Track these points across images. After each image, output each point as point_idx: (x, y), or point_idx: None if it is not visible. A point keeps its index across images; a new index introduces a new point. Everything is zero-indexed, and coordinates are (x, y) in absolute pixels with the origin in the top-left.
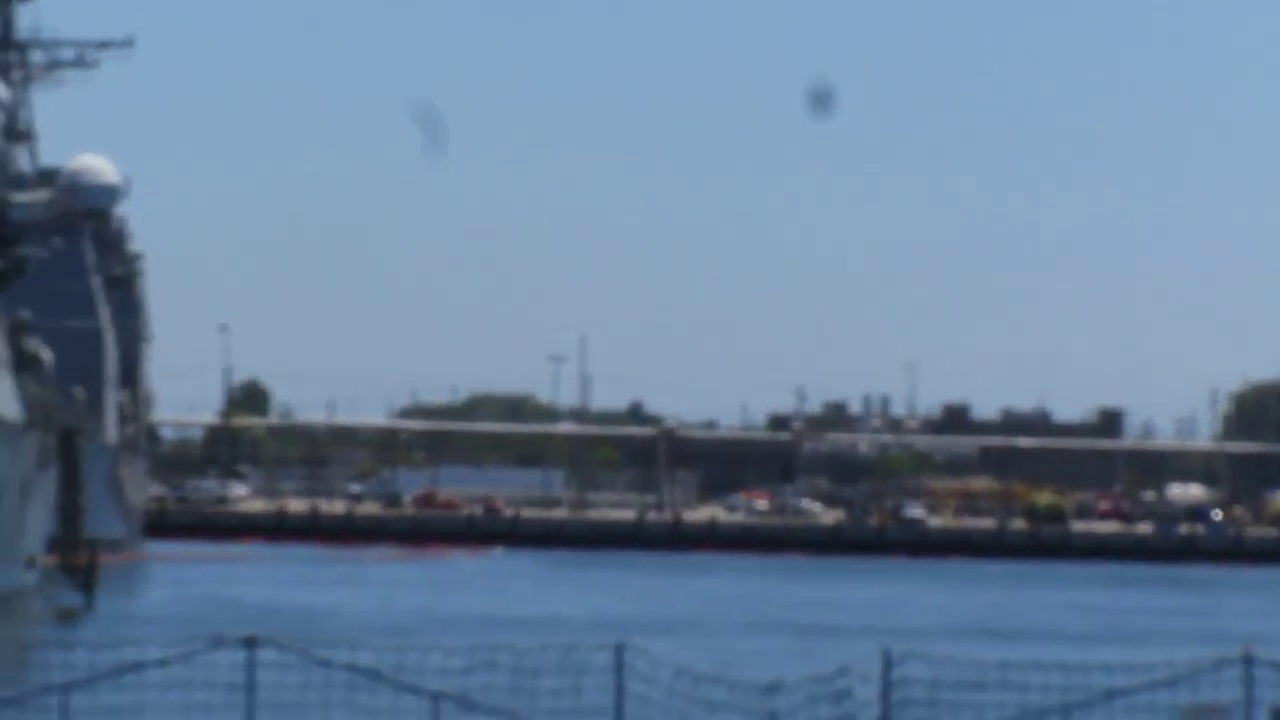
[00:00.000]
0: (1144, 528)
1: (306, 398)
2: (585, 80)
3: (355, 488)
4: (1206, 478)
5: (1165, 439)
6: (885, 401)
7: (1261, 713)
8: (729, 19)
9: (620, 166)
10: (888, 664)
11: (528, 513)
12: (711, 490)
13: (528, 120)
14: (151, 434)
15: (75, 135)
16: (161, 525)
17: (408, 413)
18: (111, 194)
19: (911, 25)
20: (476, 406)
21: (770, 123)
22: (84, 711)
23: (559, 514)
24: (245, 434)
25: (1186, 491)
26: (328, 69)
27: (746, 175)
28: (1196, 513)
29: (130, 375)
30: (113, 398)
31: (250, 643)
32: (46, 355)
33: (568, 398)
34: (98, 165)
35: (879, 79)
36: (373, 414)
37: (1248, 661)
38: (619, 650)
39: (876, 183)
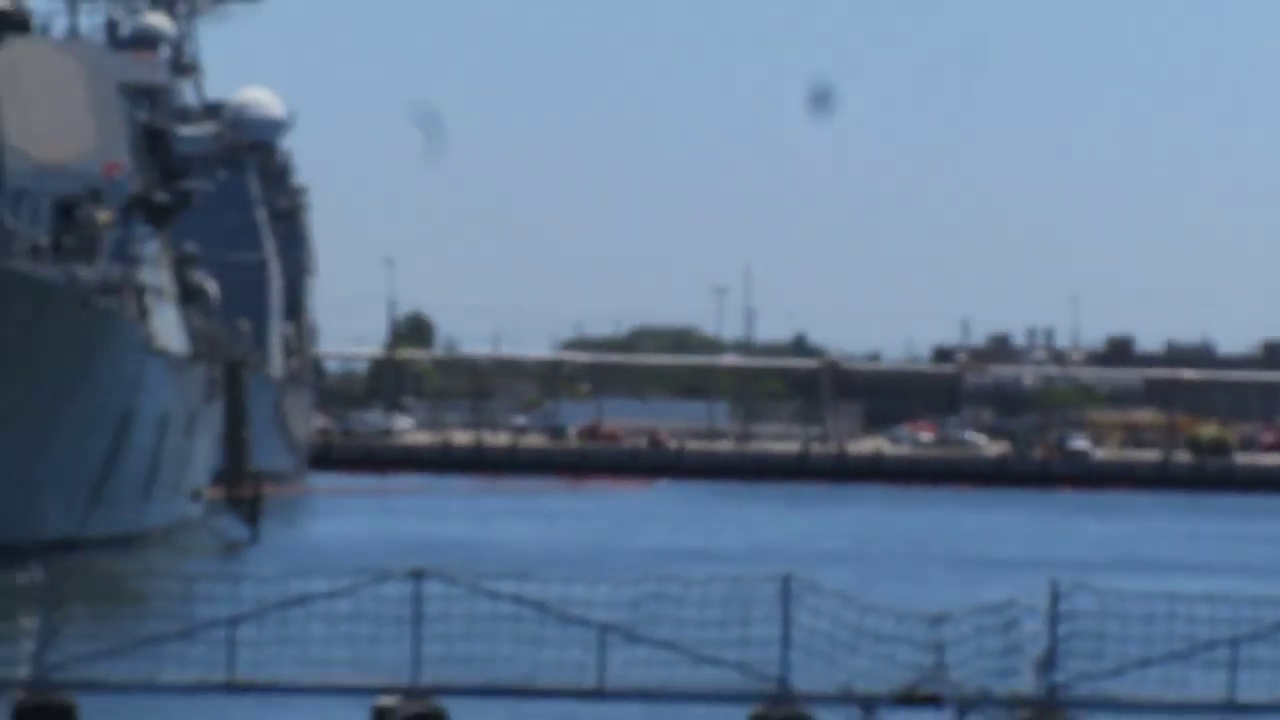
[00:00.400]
0: None
1: (471, 330)
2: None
3: (519, 420)
4: None
5: None
6: (1049, 334)
7: None
8: None
9: (786, 97)
10: (1055, 596)
11: (692, 445)
12: (875, 422)
13: (699, 44)
14: (316, 367)
15: (240, 68)
16: (326, 458)
17: (572, 345)
18: (276, 127)
19: None
20: (641, 339)
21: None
22: (251, 644)
23: (723, 446)
24: (409, 367)
25: None
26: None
27: (910, 108)
28: None
29: (295, 308)
30: (278, 331)
31: (416, 575)
32: (212, 288)
33: (732, 330)
34: (263, 98)
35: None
36: (537, 347)
37: None
38: (785, 581)
39: (1039, 114)
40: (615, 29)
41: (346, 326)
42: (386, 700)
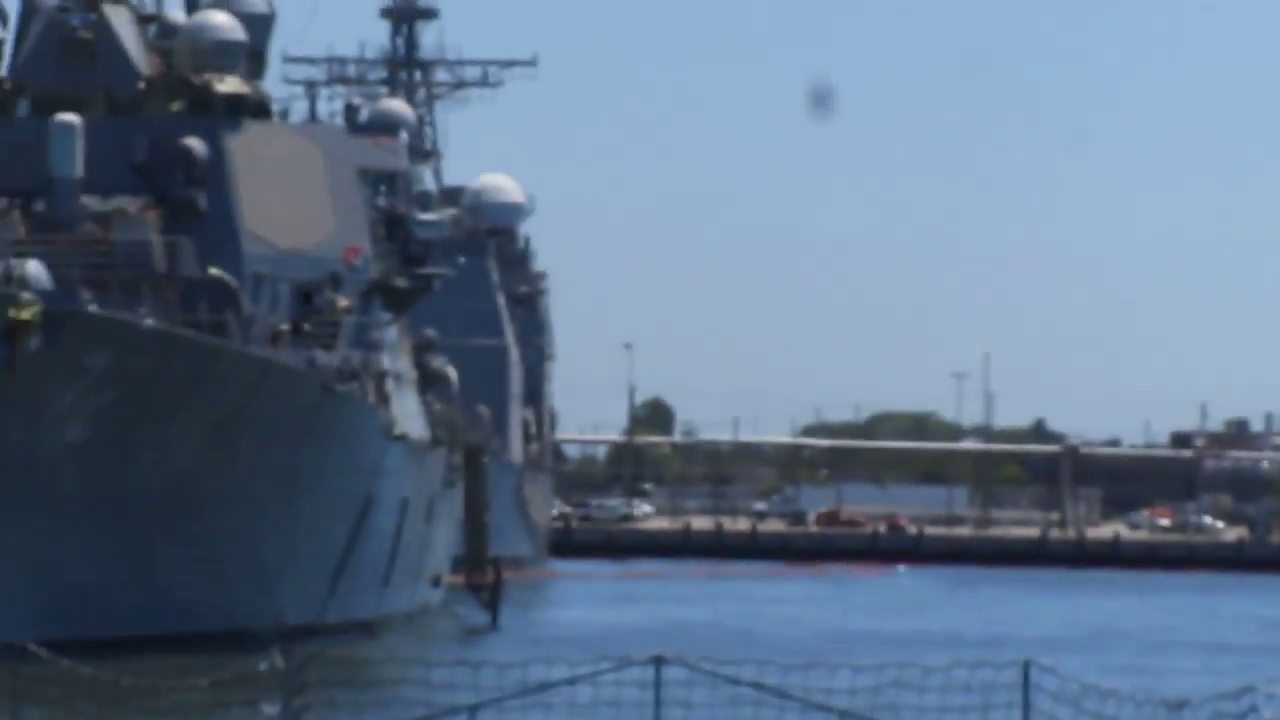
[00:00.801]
0: None
1: (710, 416)
2: (985, 95)
3: (759, 505)
4: None
5: None
6: None
7: None
8: None
9: (1018, 183)
10: None
11: (931, 530)
12: (1114, 507)
13: (925, 133)
14: (556, 452)
15: (480, 154)
16: (566, 543)
17: (811, 430)
18: (516, 212)
19: None
20: (879, 424)
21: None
22: None
23: (962, 531)
24: (649, 452)
25: None
26: (725, 82)
27: (1145, 194)
28: None
29: (535, 393)
30: (518, 416)
31: (657, 661)
32: (452, 374)
33: (971, 415)
34: (502, 184)
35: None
36: (776, 432)
37: None
38: (1025, 667)
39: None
40: (853, 110)
41: (586, 412)
42: None
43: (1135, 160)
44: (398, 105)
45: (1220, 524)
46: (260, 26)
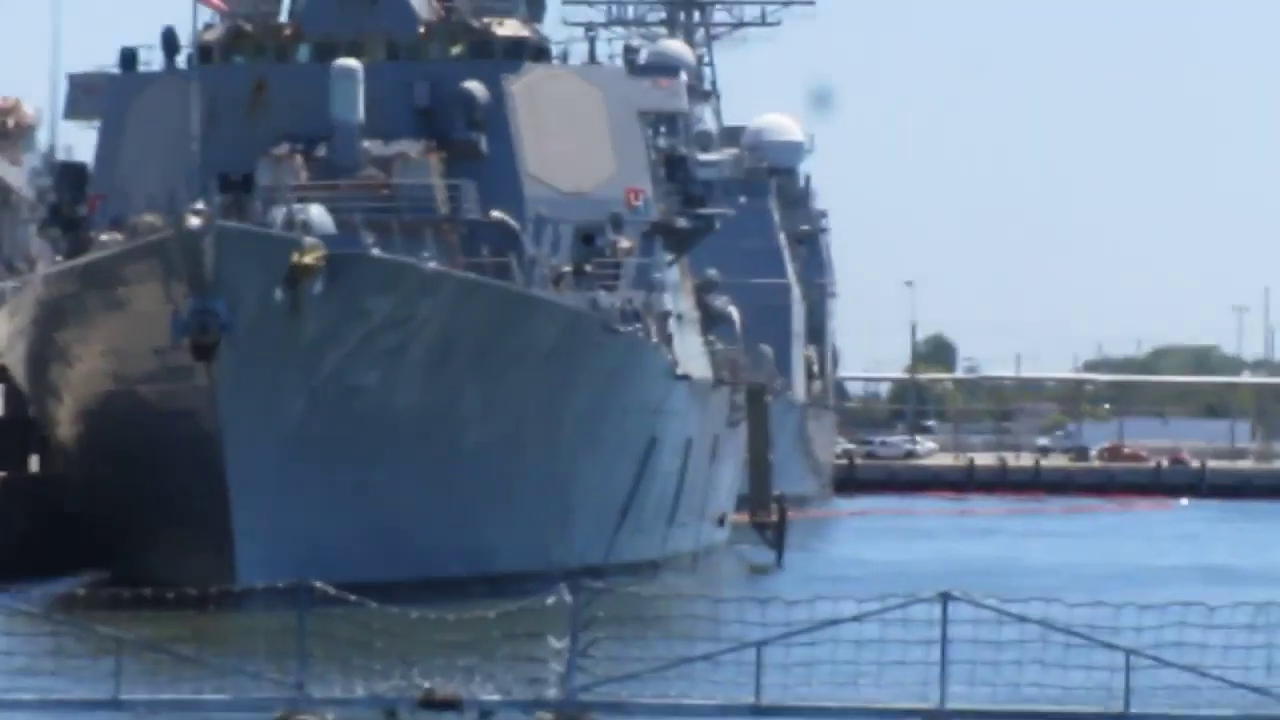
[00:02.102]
0: None
1: (992, 351)
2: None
3: (1042, 440)
4: None
5: None
6: None
7: None
8: None
9: None
10: None
11: (1213, 464)
12: None
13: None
14: (839, 390)
15: (759, 93)
16: (850, 480)
17: (1093, 365)
18: (795, 151)
19: None
20: (1161, 358)
21: None
22: (778, 667)
23: (1244, 464)
24: (932, 389)
25: None
26: (1001, 18)
27: None
28: None
29: (817, 332)
30: (800, 354)
31: (944, 598)
32: (735, 313)
33: (1252, 348)
34: (782, 123)
35: None
36: (1059, 367)
37: None
38: None
39: None
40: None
41: (868, 349)
42: None
43: None
44: (677, 46)
45: None
46: None
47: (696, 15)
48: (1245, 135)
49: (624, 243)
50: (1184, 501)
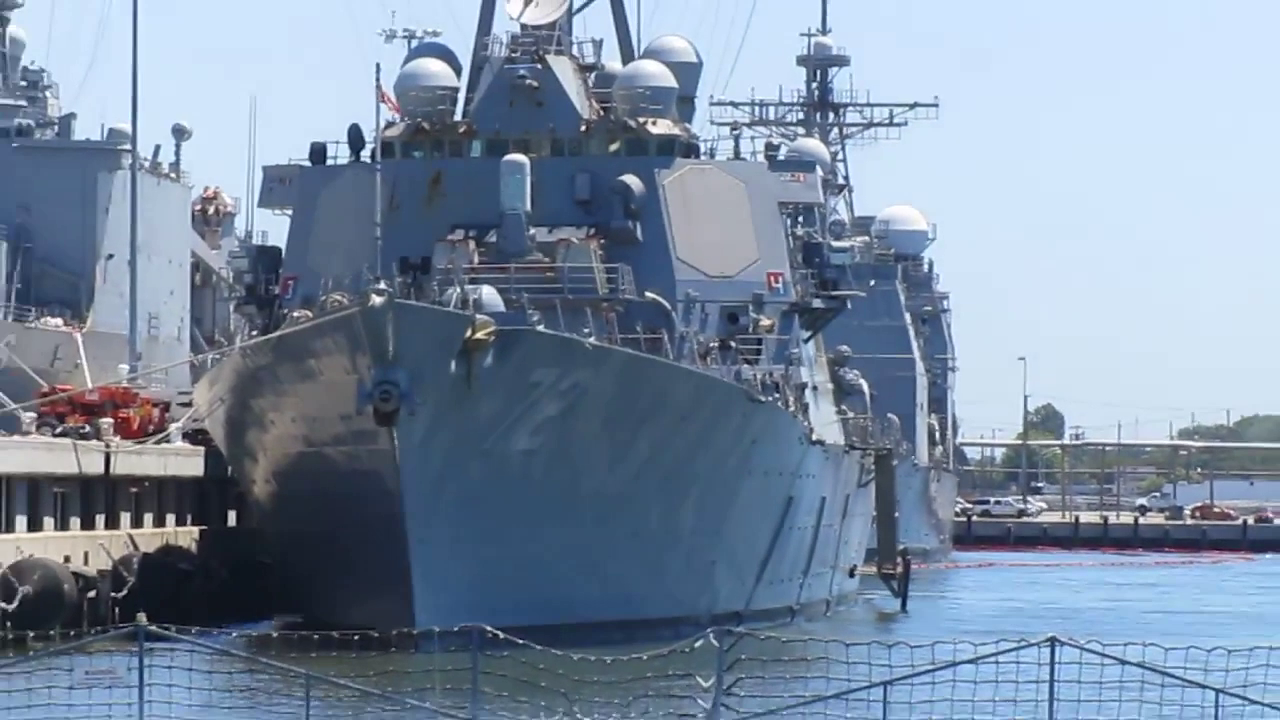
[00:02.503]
0: None
1: (1097, 420)
2: None
3: (1140, 500)
4: None
5: None
6: None
7: None
8: None
9: None
10: None
11: None
12: None
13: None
14: (958, 454)
15: (887, 186)
16: (967, 536)
17: (1186, 433)
18: (920, 239)
19: None
20: (1248, 426)
21: None
22: (902, 705)
23: None
24: (1042, 453)
25: None
26: (1102, 114)
27: None
28: None
29: (939, 402)
30: (924, 422)
31: (1052, 643)
32: (864, 385)
33: None
34: (908, 214)
35: None
36: (1156, 435)
37: None
38: None
39: None
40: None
41: (985, 418)
42: None
43: None
44: (813, 144)
45: None
46: (689, 74)
47: (831, 116)
48: None
49: (765, 321)
50: (1268, 556)
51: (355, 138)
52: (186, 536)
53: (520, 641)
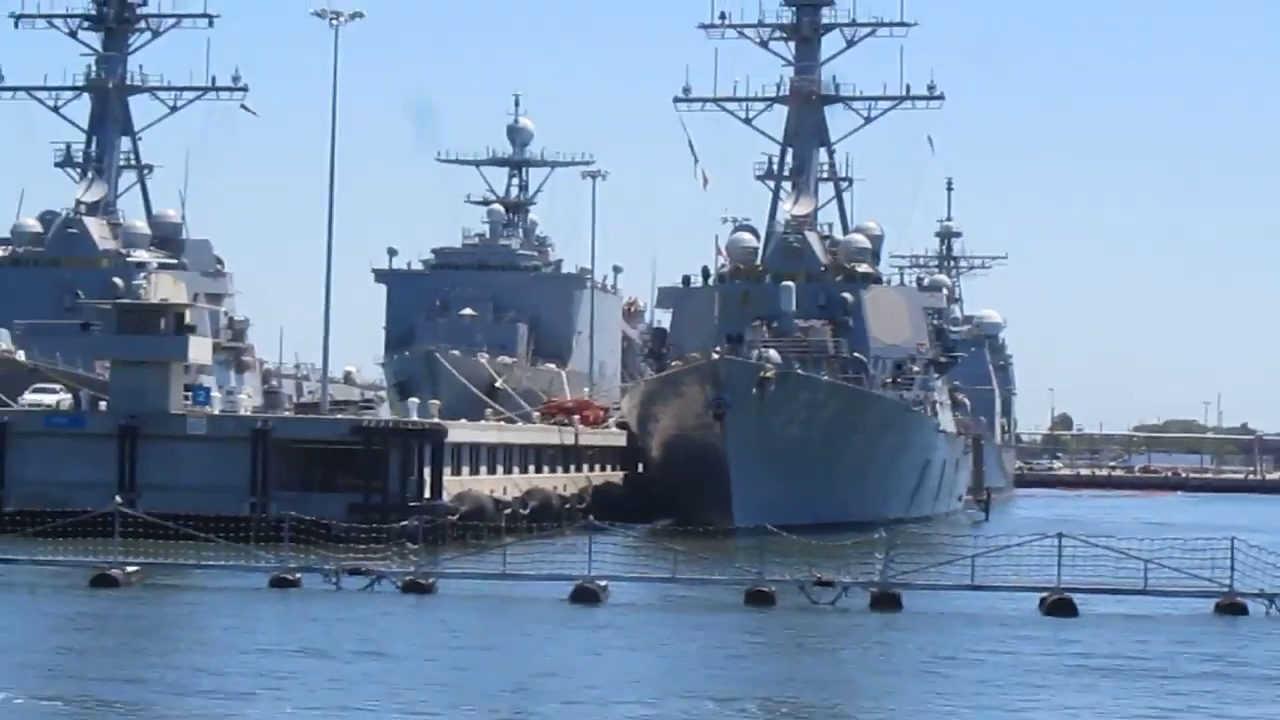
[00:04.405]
0: None
1: (1091, 418)
2: None
3: (1112, 463)
4: None
5: None
6: None
7: None
8: None
9: None
10: None
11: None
12: None
13: None
14: (1017, 439)
15: (983, 299)
16: (1021, 482)
17: (1141, 428)
18: (998, 328)
19: None
20: (1170, 425)
21: None
22: (984, 569)
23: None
24: (1060, 438)
25: None
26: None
27: None
28: None
29: (1006, 409)
30: (997, 422)
31: (1059, 536)
32: (967, 402)
33: None
34: (991, 314)
35: None
36: (1122, 427)
37: None
38: None
39: None
40: None
41: (1030, 420)
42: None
43: None
44: (941, 277)
45: None
46: (876, 241)
47: (952, 264)
48: None
49: (915, 368)
50: (1179, 493)
51: (706, 273)
52: (616, 478)
53: (784, 534)
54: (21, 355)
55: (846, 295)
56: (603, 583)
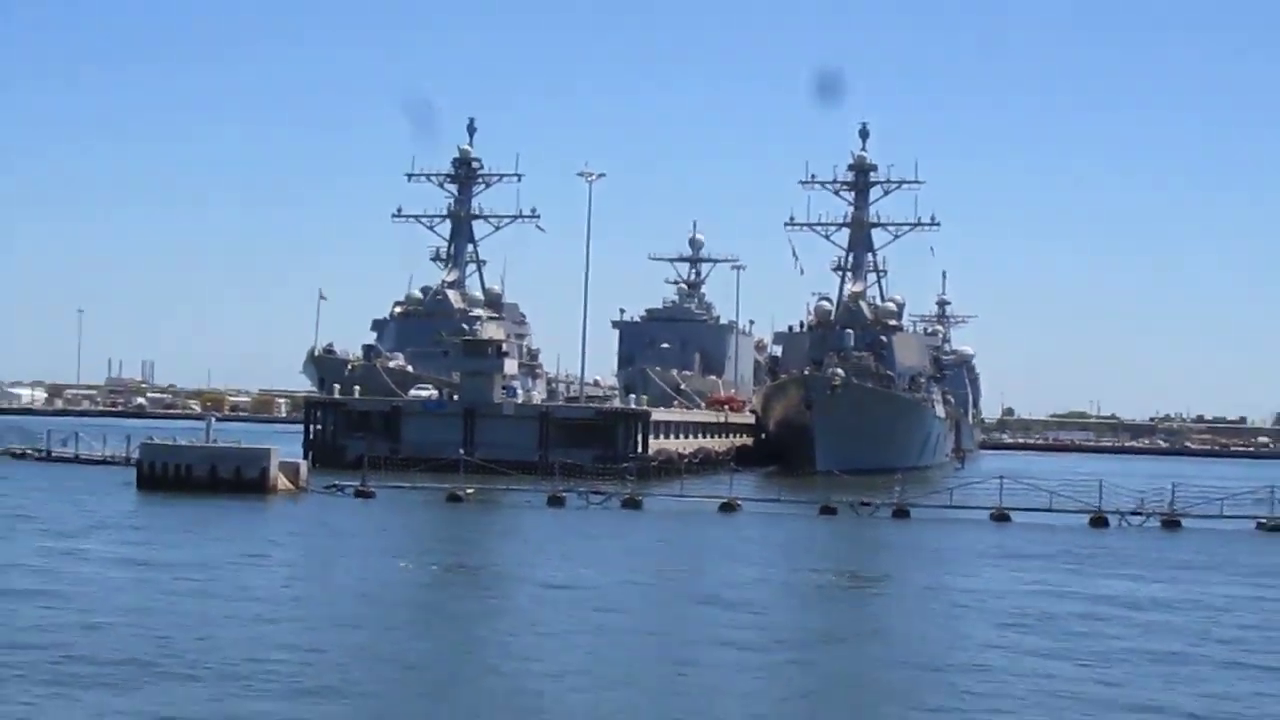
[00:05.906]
0: None
1: (1035, 408)
2: None
3: (1082, 435)
4: None
5: None
6: None
7: None
8: None
9: None
10: None
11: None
12: None
13: None
14: (981, 420)
15: (967, 341)
16: (985, 446)
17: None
18: (971, 357)
19: None
20: (1086, 415)
21: None
22: (962, 492)
23: None
24: (1009, 421)
25: None
26: None
27: None
28: None
29: (975, 403)
30: (970, 410)
31: (1000, 479)
32: (952, 399)
33: None
34: (967, 349)
35: None
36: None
37: None
38: None
39: None
40: None
41: (989, 410)
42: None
43: None
44: (938, 327)
45: None
46: (900, 306)
47: (944, 320)
48: None
49: (922, 380)
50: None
51: (801, 325)
52: (749, 442)
53: (844, 476)
54: (410, 368)
55: (883, 338)
56: (739, 501)
